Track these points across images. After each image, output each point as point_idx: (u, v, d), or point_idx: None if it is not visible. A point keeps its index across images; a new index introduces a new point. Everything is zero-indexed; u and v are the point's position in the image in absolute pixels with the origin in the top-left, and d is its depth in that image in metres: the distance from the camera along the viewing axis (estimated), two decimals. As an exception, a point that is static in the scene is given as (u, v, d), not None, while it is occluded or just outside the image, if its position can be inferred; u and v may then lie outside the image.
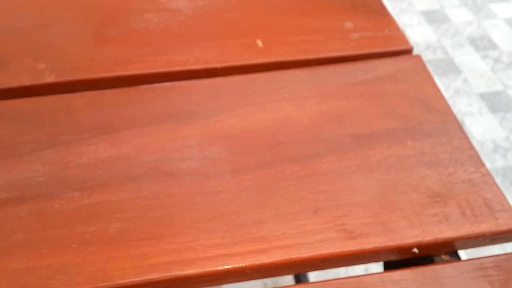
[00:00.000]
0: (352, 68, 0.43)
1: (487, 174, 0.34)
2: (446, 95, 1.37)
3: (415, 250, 0.30)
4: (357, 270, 0.87)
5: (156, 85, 0.43)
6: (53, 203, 0.34)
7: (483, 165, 0.35)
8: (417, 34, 1.57)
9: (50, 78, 0.43)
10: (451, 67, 1.44)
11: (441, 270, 0.30)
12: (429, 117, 0.38)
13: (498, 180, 1.16)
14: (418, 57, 0.44)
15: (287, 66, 0.45)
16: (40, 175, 0.36)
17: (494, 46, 1.50)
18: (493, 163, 1.18)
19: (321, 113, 0.39)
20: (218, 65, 0.45)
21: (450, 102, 1.35)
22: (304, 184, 0.35)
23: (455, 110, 1.32)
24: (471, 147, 0.36)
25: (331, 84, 0.42)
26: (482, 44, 1.51)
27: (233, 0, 0.52)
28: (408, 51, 0.45)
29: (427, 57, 1.49)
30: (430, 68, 1.44)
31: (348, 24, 0.48)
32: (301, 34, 0.47)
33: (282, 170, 0.36)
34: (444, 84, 1.39)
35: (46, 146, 0.38)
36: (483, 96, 1.35)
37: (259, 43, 0.46)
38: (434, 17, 1.62)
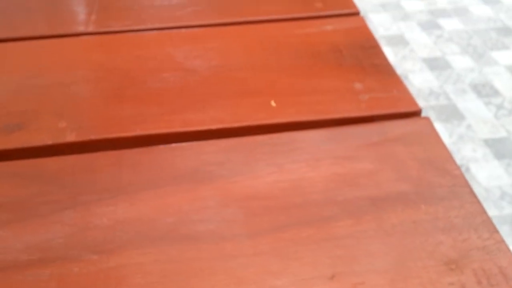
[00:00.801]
0: (364, 130, 0.45)
1: (501, 241, 0.35)
2: (450, 141, 1.39)
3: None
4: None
5: (173, 145, 0.44)
6: (73, 267, 0.35)
7: (496, 231, 0.35)
8: (420, 80, 1.60)
9: (71, 137, 0.45)
10: (454, 113, 1.47)
11: None
12: (441, 181, 0.39)
13: (506, 228, 1.16)
14: (427, 119, 0.45)
15: (299, 126, 0.46)
16: (60, 236, 0.36)
17: (496, 92, 1.53)
18: (500, 210, 1.18)
19: (336, 175, 0.40)
20: (233, 125, 0.46)
21: (454, 148, 1.36)
22: (320, 248, 0.35)
23: (459, 156, 1.33)
24: (484, 212, 0.37)
25: (344, 146, 0.43)
26: (484, 90, 1.54)
27: (246, 60, 0.54)
28: (417, 113, 0.46)
29: (430, 103, 1.52)
30: (433, 114, 1.47)
31: (358, 85, 0.50)
32: (312, 94, 0.49)
33: (298, 233, 0.36)
34: (447, 130, 1.41)
35: (67, 207, 0.39)
36: (487, 142, 1.36)
37: (273, 103, 0.48)
38: (436, 64, 1.66)
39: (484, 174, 1.29)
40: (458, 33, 1.80)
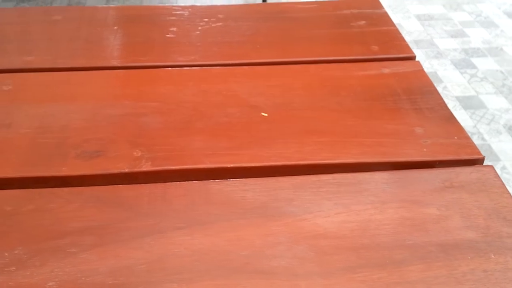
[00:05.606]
0: (429, 175, 0.46)
1: None
2: (485, 181, 1.37)
3: None
4: None
5: (243, 179, 0.46)
6: (155, 293, 0.36)
7: None
8: (453, 118, 1.60)
9: (146, 167, 0.47)
10: (488, 154, 1.46)
11: None
12: (509, 231, 0.40)
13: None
14: (491, 167, 0.47)
15: (363, 167, 0.48)
16: (142, 263, 0.38)
17: (531, 135, 1.52)
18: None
19: (403, 219, 0.42)
20: (299, 162, 0.48)
21: (490, 190, 1.35)
22: (392, 291, 0.36)
23: (495, 197, 1.31)
24: (554, 265, 0.38)
25: (409, 190, 0.44)
26: (519, 132, 1.53)
27: (308, 100, 0.56)
28: (480, 161, 0.48)
29: (464, 142, 1.51)
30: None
31: (419, 130, 0.52)
32: (375, 137, 0.51)
33: (369, 275, 0.37)
34: (483, 171, 1.41)
35: (146, 234, 0.41)
36: (523, 185, 1.35)
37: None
38: (469, 103, 1.66)
39: (519, 217, 1.27)
40: (492, 73, 1.80)
